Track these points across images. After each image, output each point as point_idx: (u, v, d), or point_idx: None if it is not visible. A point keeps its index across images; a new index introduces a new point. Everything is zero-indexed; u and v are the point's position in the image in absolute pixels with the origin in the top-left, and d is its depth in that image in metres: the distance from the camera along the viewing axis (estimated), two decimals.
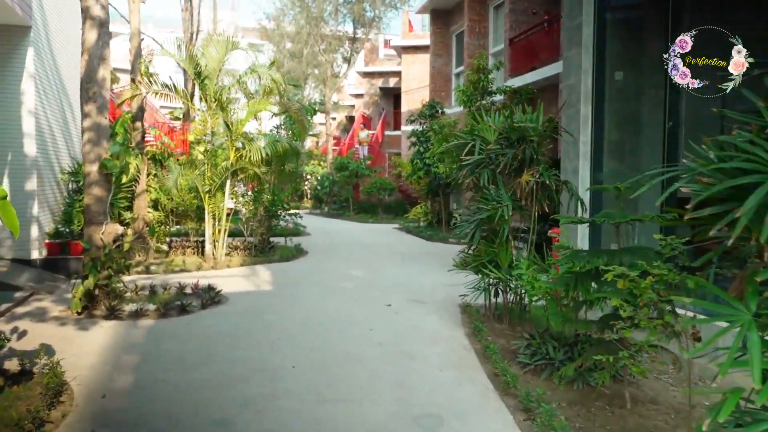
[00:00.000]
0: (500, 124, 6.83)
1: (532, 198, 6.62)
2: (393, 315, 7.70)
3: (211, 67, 12.02)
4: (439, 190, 18.42)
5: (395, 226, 20.90)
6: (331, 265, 12.00)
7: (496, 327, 6.99)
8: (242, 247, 13.12)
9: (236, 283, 9.96)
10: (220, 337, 6.53)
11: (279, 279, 10.42)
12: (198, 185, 11.81)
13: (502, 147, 6.77)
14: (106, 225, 7.81)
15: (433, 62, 22.25)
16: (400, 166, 21.56)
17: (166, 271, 11.00)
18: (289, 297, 8.77)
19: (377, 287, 9.64)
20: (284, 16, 33.92)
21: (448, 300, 8.62)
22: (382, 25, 33.51)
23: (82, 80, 7.79)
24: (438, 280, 10.22)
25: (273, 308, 8.00)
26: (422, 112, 18.34)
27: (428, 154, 15.87)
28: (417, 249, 14.75)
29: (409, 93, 27.55)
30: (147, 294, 8.71)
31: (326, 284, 9.86)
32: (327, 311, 7.84)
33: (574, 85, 7.47)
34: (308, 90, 37.83)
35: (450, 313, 7.84)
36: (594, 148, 7.39)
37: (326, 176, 27.18)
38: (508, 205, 6.35)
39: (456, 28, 21.40)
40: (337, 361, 5.74)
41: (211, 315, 7.60)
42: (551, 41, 14.40)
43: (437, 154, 12.74)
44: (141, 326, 7.05)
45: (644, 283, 3.62)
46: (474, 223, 6.63)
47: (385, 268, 11.64)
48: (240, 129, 12.13)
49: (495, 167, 6.75)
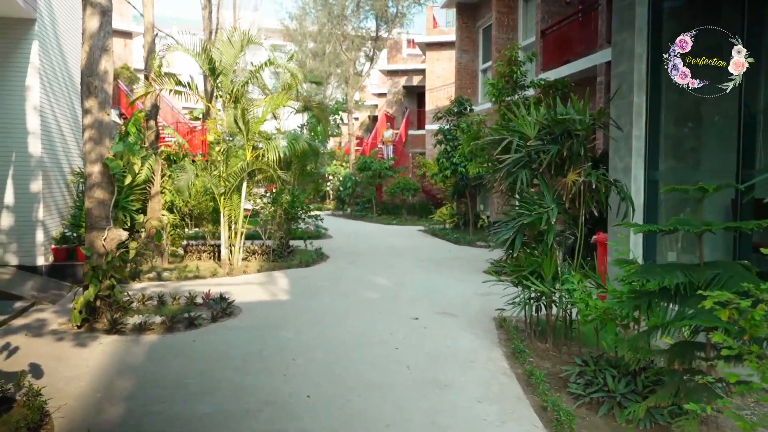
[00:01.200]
0: (541, 117, 6.00)
1: (579, 200, 5.80)
2: (421, 330, 6.93)
3: (226, 63, 11.40)
4: (466, 191, 17.58)
5: (420, 228, 20.11)
6: (354, 272, 11.28)
7: (539, 347, 6.17)
8: (260, 251, 12.47)
9: (251, 291, 9.29)
10: (229, 358, 5.83)
11: (297, 287, 9.72)
12: (212, 187, 11.18)
13: (544, 143, 5.96)
14: (108, 231, 7.19)
15: (458, 58, 21.39)
16: (425, 165, 20.75)
17: (179, 278, 10.39)
18: (307, 309, 8.05)
19: (403, 297, 8.87)
20: (306, 15, 33.38)
21: (481, 312, 7.82)
22: (406, 22, 32.65)
23: (82, 73, 7.18)
24: (468, 289, 9.42)
25: (289, 322, 7.29)
26: (449, 109, 17.51)
27: (456, 153, 15.01)
28: (444, 253, 13.95)
29: (434, 91, 26.71)
30: (155, 304, 8.08)
31: (348, 294, 9.13)
32: (348, 326, 7.11)
33: (625, 73, 6.61)
34: (330, 90, 37.23)
35: (485, 328, 7.04)
36: (649, 144, 6.52)
37: (349, 177, 26.48)
38: (554, 208, 5.54)
39: (483, 23, 20.52)
40: (358, 390, 4.99)
41: (221, 330, 6.91)
42: (586, 32, 13.50)
43: (466, 153, 11.94)
44: (143, 343, 6.39)
45: (758, 314, 2.80)
46: (514, 229, 5.83)
47: (411, 275, 10.87)
48: (257, 127, 11.47)
49: (537, 166, 5.94)
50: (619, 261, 4.28)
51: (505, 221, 6.23)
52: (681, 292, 3.68)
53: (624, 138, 6.53)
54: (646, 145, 6.54)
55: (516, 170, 5.87)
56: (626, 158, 6.56)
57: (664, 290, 3.84)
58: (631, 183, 6.53)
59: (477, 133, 11.47)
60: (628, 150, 6.55)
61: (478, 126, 12.20)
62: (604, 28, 12.42)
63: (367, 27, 31.10)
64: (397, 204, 24.68)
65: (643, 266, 4.11)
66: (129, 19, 26.05)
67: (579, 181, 5.70)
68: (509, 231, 5.88)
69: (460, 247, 15.16)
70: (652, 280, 3.66)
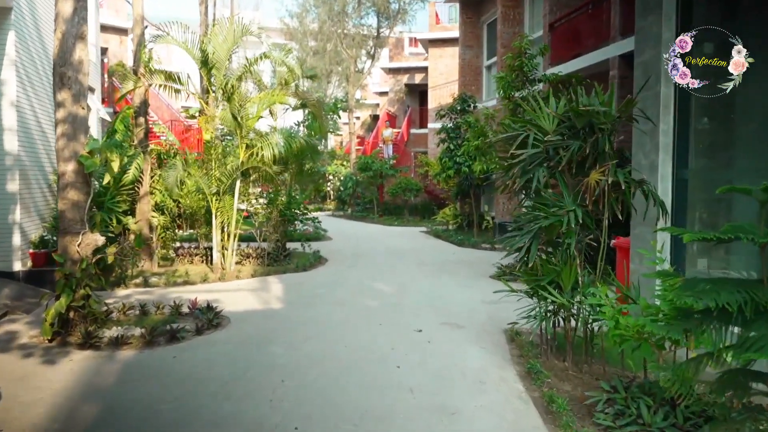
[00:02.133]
0: (561, 110, 5.37)
1: (603, 202, 5.18)
2: (425, 345, 6.31)
3: (219, 56, 10.79)
4: (470, 191, 16.94)
5: (422, 230, 19.48)
6: (353, 277, 10.66)
7: (556, 365, 5.54)
8: (255, 254, 11.85)
9: (243, 299, 8.68)
10: (210, 379, 5.21)
11: (292, 294, 9.10)
12: (203, 186, 10.57)
13: (564, 138, 5.33)
14: (83, 235, 6.57)
15: (462, 54, 20.75)
16: (427, 165, 20.10)
17: (167, 284, 9.78)
18: (301, 320, 7.43)
19: (406, 306, 8.25)
20: (307, 12, 32.73)
21: (489, 323, 7.20)
22: (408, 18, 32.00)
23: (54, 63, 6.56)
24: (475, 296, 8.80)
25: (280, 336, 6.66)
26: (453, 106, 16.86)
27: (461, 152, 14.33)
28: (448, 256, 13.32)
29: (436, 88, 26.09)
30: (137, 314, 7.47)
31: (346, 302, 8.50)
32: (345, 340, 6.48)
33: (651, 62, 5.98)
34: (332, 88, 36.61)
35: (495, 342, 6.42)
36: (677, 139, 5.90)
37: (349, 177, 25.85)
38: (576, 211, 4.91)
39: (487, 17, 19.89)
40: (354, 420, 4.37)
41: (206, 345, 6.29)
42: (597, 24, 12.88)
43: (472, 150, 11.30)
44: (118, 359, 5.78)
45: None
46: (530, 234, 5.20)
47: (415, 281, 10.25)
48: (251, 124, 10.86)
49: (555, 164, 5.31)
50: (660, 273, 3.66)
51: (518, 224, 5.60)
52: (741, 313, 3.06)
53: (650, 133, 5.89)
54: (674, 141, 5.91)
55: (532, 168, 5.24)
56: (652, 155, 5.93)
57: (722, 311, 3.21)
58: (657, 182, 5.90)
59: (484, 128, 10.85)
60: (655, 146, 5.92)
61: (486, 121, 11.54)
62: (618, 19, 11.79)
63: (368, 24, 30.48)
64: (399, 204, 24.06)
65: (687, 281, 3.49)
66: (125, 16, 25.45)
67: (603, 181, 5.07)
68: (524, 236, 5.24)
69: (465, 250, 14.53)
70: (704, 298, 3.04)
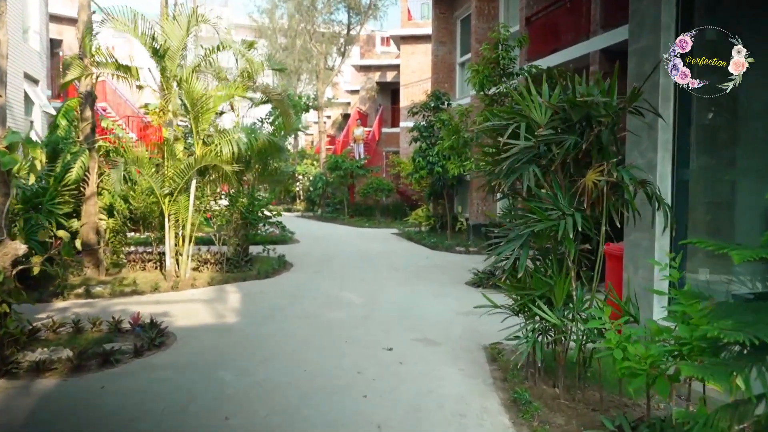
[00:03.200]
0: (555, 99, 4.68)
1: (602, 204, 4.50)
2: (397, 367, 5.56)
3: (171, 45, 9.90)
4: (443, 192, 16.30)
5: (394, 231, 18.78)
6: (319, 284, 9.87)
7: (546, 391, 4.85)
8: (213, 260, 10.95)
9: (195, 312, 7.82)
10: (142, 417, 4.37)
11: (251, 306, 8.27)
12: (154, 186, 9.65)
13: (557, 132, 4.65)
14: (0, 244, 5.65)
15: (435, 51, 20.11)
16: (399, 165, 19.42)
17: (112, 294, 8.86)
18: (259, 337, 6.61)
19: (375, 318, 7.50)
20: (276, 8, 31.77)
21: (467, 338, 6.51)
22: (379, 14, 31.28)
23: None
24: (451, 305, 8.12)
25: (232, 357, 5.84)
26: (425, 103, 16.19)
27: (434, 151, 13.63)
28: (421, 260, 12.62)
29: (409, 86, 25.43)
30: (70, 332, 6.56)
31: (309, 315, 7.71)
32: (306, 362, 5.69)
33: (648, 48, 5.35)
34: (302, 86, 35.69)
35: (474, 361, 5.71)
36: (678, 136, 5.28)
37: (319, 177, 25.02)
38: (575, 216, 4.22)
39: (461, 13, 19.29)
40: None
41: (144, 370, 5.44)
42: (576, 19, 12.36)
43: (446, 150, 10.62)
44: (35, 391, 4.90)
45: None
46: (519, 241, 4.49)
47: (385, 289, 9.51)
48: (208, 118, 9.98)
49: (548, 162, 4.61)
50: (685, 293, 2.99)
51: (504, 229, 4.90)
52: None
53: (647, 128, 5.26)
54: (674, 137, 5.29)
55: (520, 165, 4.53)
56: (649, 153, 5.30)
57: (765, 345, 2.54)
58: (655, 184, 5.26)
59: (458, 126, 10.16)
60: (653, 143, 5.29)
61: (460, 118, 10.85)
62: (598, 12, 11.26)
63: (338, 20, 29.67)
64: (370, 205, 23.35)
65: (721, 306, 2.82)
66: None
67: (602, 181, 4.40)
68: (512, 243, 4.53)
69: (438, 253, 13.86)
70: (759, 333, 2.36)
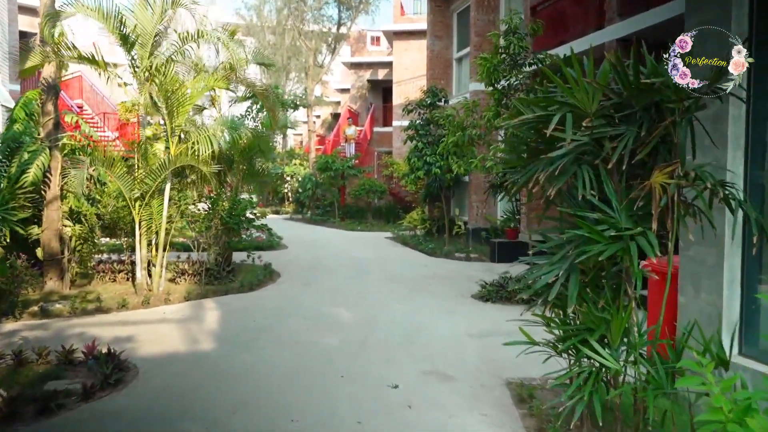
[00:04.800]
0: (604, 79, 3.64)
1: (672, 215, 3.50)
2: (405, 413, 4.53)
3: (143, 31, 8.83)
4: (440, 193, 15.31)
5: (388, 236, 17.76)
6: (309, 300, 8.81)
7: None
8: (191, 270, 9.84)
9: (164, 335, 6.75)
10: None
11: (230, 327, 7.21)
12: (122, 189, 8.57)
13: (611, 123, 3.65)
14: None
15: (431, 46, 19.11)
16: (393, 165, 18.41)
17: (73, 312, 7.76)
18: (236, 371, 5.54)
19: (374, 345, 6.45)
20: (264, 3, 30.65)
21: (485, 370, 5.50)
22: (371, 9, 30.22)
23: None
24: (459, 326, 7.12)
25: (201, 402, 4.76)
26: (421, 101, 15.17)
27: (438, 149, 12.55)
28: (420, 269, 11.60)
29: (402, 84, 24.44)
30: (10, 364, 5.47)
31: (297, 339, 6.64)
32: (293, 409, 4.63)
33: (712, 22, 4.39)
34: (291, 84, 34.63)
35: (498, 403, 4.70)
36: (751, 129, 4.32)
37: (308, 177, 23.92)
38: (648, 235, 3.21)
39: (458, 5, 18.31)
40: None
41: (91, 420, 4.36)
42: (587, 7, 11.48)
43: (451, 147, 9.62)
44: None
45: None
46: (565, 264, 3.47)
47: (384, 304, 8.48)
48: (183, 111, 8.90)
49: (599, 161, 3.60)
50: None
51: (545, 246, 3.87)
52: None
53: (710, 120, 4.28)
54: (747, 131, 4.32)
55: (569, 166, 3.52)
56: (714, 150, 4.33)
57: None
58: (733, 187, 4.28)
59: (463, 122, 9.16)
60: (721, 138, 4.31)
61: (467, 113, 9.84)
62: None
63: (328, 15, 28.62)
64: (361, 207, 22.33)
65: None
66: None
67: (671, 186, 3.39)
68: (555, 267, 3.52)
69: (437, 260, 12.86)
70: None
